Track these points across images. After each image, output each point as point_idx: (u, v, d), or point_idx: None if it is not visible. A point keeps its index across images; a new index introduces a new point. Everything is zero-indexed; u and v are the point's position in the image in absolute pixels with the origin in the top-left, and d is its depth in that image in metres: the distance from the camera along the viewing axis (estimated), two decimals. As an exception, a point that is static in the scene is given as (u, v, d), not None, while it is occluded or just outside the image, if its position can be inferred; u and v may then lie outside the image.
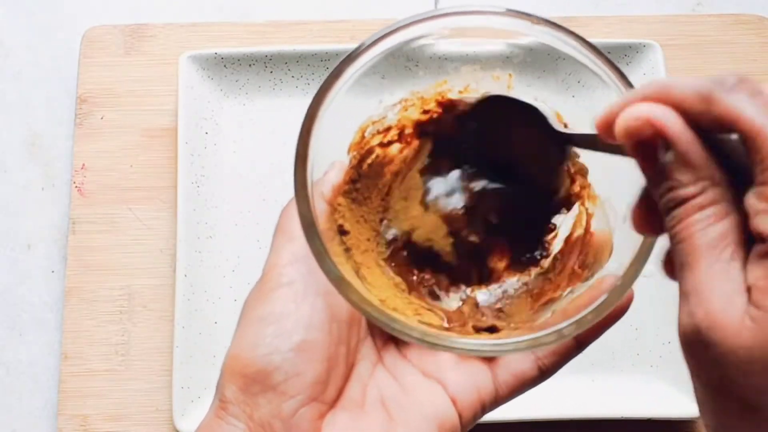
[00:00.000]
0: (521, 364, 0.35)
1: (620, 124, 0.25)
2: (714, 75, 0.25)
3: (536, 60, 0.36)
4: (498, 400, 0.35)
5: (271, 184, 0.58)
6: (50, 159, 0.60)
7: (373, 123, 0.39)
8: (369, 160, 0.39)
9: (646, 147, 0.25)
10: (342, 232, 0.37)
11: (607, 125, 0.26)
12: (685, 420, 0.52)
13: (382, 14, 0.62)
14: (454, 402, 0.34)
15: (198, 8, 0.63)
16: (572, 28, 0.34)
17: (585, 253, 0.37)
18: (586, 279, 0.35)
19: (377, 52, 0.35)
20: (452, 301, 0.39)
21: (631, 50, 0.57)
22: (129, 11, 0.63)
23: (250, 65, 0.58)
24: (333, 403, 0.34)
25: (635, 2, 0.64)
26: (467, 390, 0.34)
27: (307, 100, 0.58)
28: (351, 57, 0.35)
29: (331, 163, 0.36)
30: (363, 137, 0.39)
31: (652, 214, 0.27)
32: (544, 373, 0.35)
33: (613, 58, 0.37)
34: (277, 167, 0.58)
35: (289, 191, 0.57)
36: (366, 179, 0.39)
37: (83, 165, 0.58)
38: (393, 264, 0.39)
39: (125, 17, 0.62)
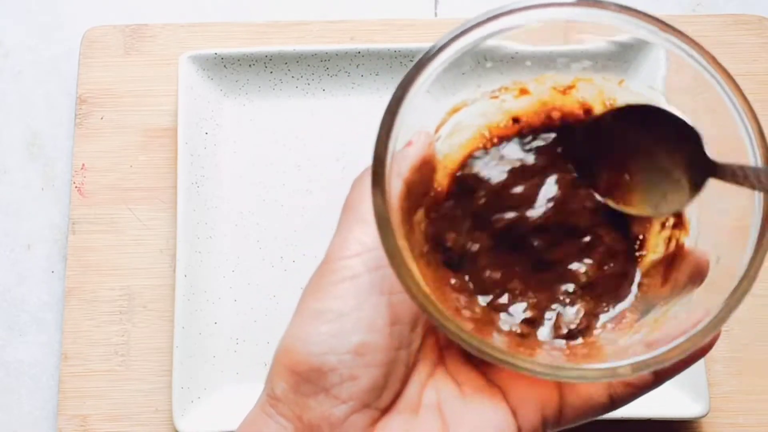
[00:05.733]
0: (592, 387, 0.32)
1: None
2: None
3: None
4: (561, 422, 0.33)
5: (271, 185, 0.58)
6: (50, 159, 0.60)
7: (467, 106, 0.36)
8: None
9: None
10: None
11: None
12: (685, 420, 0.52)
13: (382, 14, 0.62)
14: (514, 414, 0.32)
15: (198, 8, 0.63)
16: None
17: (677, 270, 0.34)
18: (671, 300, 0.33)
19: (482, 34, 0.32)
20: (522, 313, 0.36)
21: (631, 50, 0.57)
22: (129, 11, 0.63)
23: (250, 65, 0.58)
24: (387, 409, 0.32)
25: (635, 2, 0.63)
26: (530, 404, 0.32)
27: (308, 100, 0.59)
28: (455, 36, 0.32)
29: (415, 133, 0.33)
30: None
31: None
32: (614, 401, 0.33)
33: (614, 58, 0.37)
34: (277, 167, 0.58)
35: (289, 192, 0.57)
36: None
37: (83, 165, 0.58)
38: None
39: (125, 17, 0.62)
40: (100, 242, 0.57)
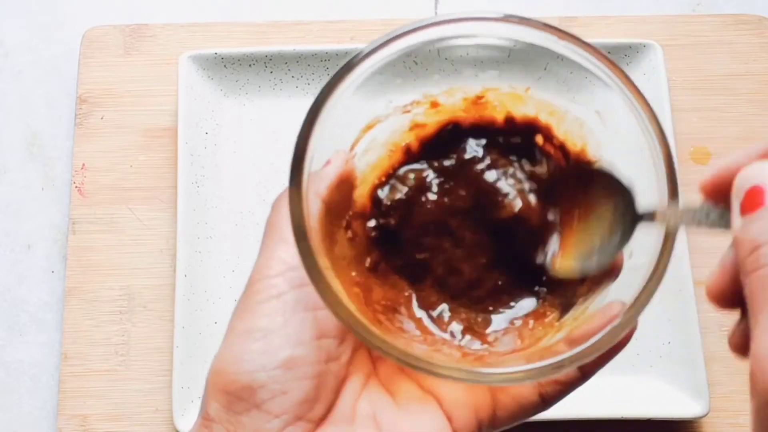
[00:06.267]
0: (522, 388, 0.33)
1: (746, 179, 0.26)
2: (713, 75, 0.25)
3: (535, 63, 0.36)
4: (496, 424, 0.34)
5: (271, 184, 0.58)
6: (50, 159, 0.60)
7: (380, 122, 0.37)
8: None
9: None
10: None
11: (719, 185, 0.27)
12: (684, 420, 0.52)
13: (382, 14, 0.62)
14: (449, 420, 0.33)
15: (198, 8, 0.63)
16: (573, 28, 0.34)
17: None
18: (589, 297, 0.34)
19: (390, 52, 0.34)
20: (444, 318, 0.37)
21: (631, 50, 0.57)
22: (129, 11, 0.63)
23: (250, 65, 0.58)
24: (321, 421, 0.33)
25: (635, 2, 0.64)
26: (464, 408, 0.33)
27: (308, 100, 0.58)
28: (363, 55, 0.33)
29: (334, 153, 0.34)
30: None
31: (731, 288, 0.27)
32: (545, 400, 0.34)
33: (613, 58, 0.37)
34: (277, 167, 0.58)
35: (289, 191, 0.57)
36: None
37: (83, 165, 0.58)
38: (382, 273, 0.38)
39: (125, 17, 0.62)
40: (100, 242, 0.57)
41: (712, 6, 0.63)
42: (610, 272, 0.34)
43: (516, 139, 0.38)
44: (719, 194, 0.28)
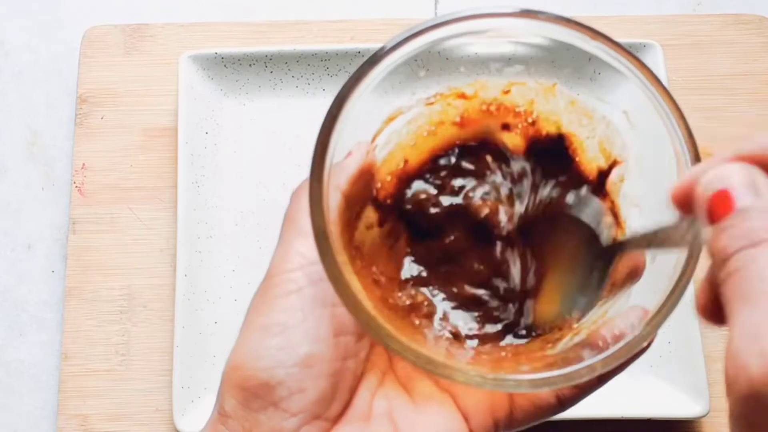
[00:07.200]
0: None
1: (707, 184, 0.24)
2: (713, 75, 0.25)
3: (556, 56, 0.35)
4: (513, 424, 0.33)
5: (271, 184, 0.58)
6: (50, 159, 0.60)
7: (403, 114, 0.37)
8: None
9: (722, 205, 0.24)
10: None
11: (685, 195, 0.26)
12: (684, 420, 0.52)
13: (382, 14, 0.62)
14: (466, 419, 0.33)
15: (198, 8, 0.63)
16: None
17: (614, 270, 0.35)
18: (609, 299, 0.34)
19: (415, 46, 0.33)
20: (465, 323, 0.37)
21: (631, 50, 0.57)
22: (129, 11, 0.63)
23: (250, 65, 0.58)
24: (337, 419, 0.32)
25: (635, 2, 0.64)
26: (481, 408, 0.33)
27: (308, 100, 0.59)
28: (387, 49, 0.33)
29: (355, 144, 0.34)
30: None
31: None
32: (562, 403, 0.34)
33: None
34: (277, 167, 0.58)
35: (290, 192, 0.57)
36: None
37: (83, 165, 0.58)
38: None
39: (125, 17, 0.62)
40: (101, 242, 0.57)
41: (712, 6, 0.63)
42: (631, 275, 0.34)
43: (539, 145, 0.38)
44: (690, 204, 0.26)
